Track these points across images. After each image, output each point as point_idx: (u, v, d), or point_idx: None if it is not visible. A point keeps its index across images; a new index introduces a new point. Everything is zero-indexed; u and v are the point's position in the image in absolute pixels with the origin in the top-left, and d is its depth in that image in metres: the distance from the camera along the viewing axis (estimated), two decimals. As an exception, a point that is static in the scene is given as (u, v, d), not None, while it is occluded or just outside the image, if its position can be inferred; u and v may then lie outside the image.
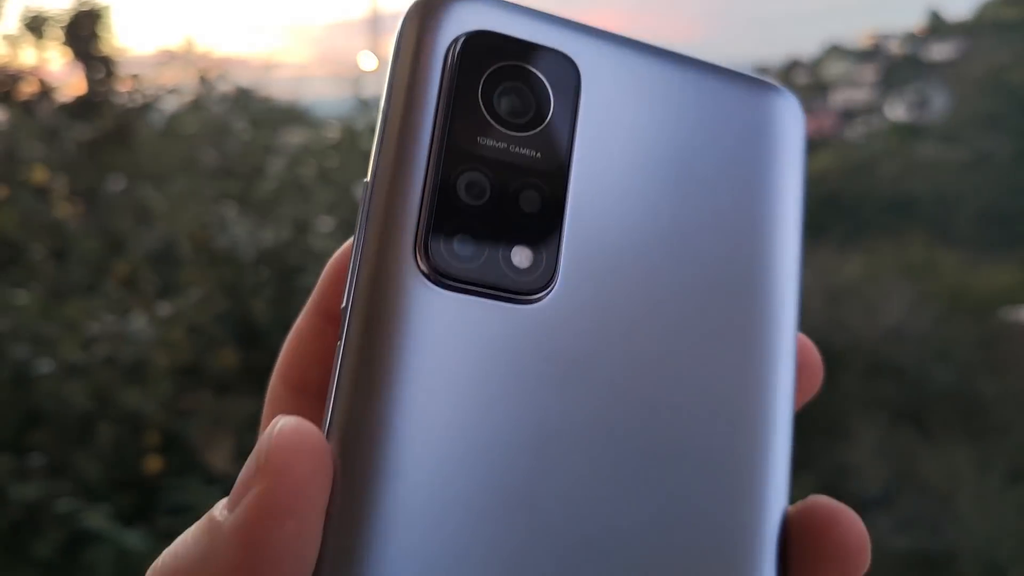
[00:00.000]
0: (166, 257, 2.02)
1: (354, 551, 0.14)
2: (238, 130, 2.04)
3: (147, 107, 2.06)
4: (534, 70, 0.16)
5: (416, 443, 0.14)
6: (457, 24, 0.16)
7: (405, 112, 0.15)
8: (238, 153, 2.03)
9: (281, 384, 0.20)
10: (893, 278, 7.10)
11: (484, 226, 0.16)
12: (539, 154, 0.16)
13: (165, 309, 1.92)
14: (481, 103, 0.16)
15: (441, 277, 0.15)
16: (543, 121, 0.16)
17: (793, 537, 0.18)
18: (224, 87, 2.02)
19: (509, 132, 0.16)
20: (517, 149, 0.16)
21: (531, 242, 0.16)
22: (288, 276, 1.99)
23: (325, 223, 2.08)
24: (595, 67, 0.17)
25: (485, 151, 0.16)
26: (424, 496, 0.14)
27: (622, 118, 0.17)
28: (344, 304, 0.15)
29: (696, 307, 0.17)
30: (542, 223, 0.16)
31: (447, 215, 0.15)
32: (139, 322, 1.86)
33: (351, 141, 2.07)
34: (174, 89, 2.08)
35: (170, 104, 2.10)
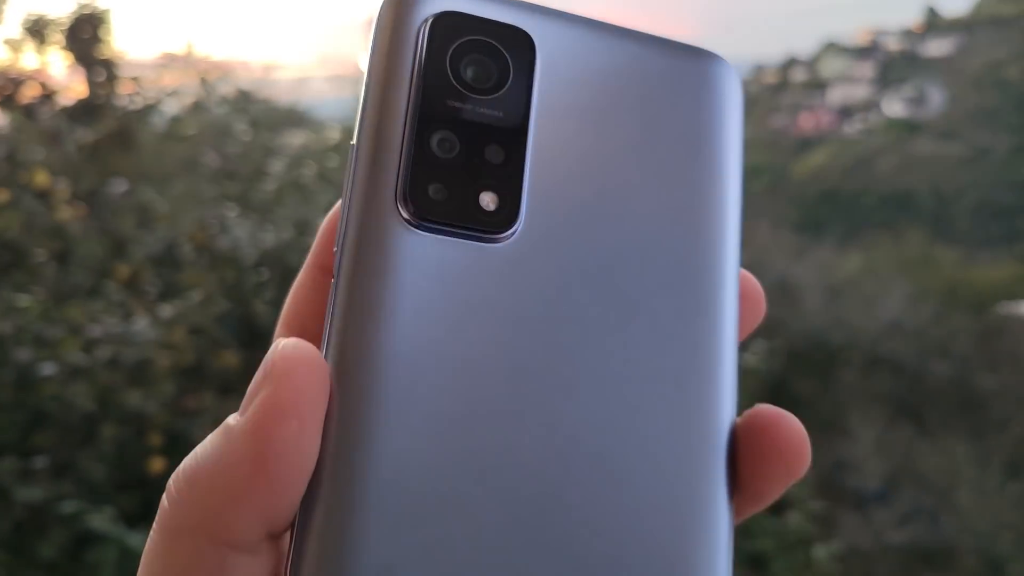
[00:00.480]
0: (168, 259, 2.03)
1: (349, 450, 0.16)
2: (239, 132, 2.04)
3: (148, 110, 2.06)
4: (494, 43, 0.18)
5: (400, 361, 0.16)
6: (427, 7, 0.18)
7: (384, 83, 0.18)
8: (239, 155, 2.04)
9: (284, 331, 0.21)
10: (891, 274, 7.10)
11: (455, 176, 0.18)
12: (501, 114, 0.18)
13: (167, 311, 1.93)
14: (449, 72, 0.18)
15: (419, 220, 0.17)
16: (504, 86, 0.18)
17: (741, 440, 0.19)
18: (225, 89, 2.03)
19: (475, 96, 0.18)
20: (482, 110, 0.18)
21: (496, 188, 0.18)
22: (289, 277, 2.00)
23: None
24: (549, 39, 0.19)
25: (454, 113, 0.18)
26: (407, 405, 0.16)
27: (574, 83, 0.19)
28: (336, 248, 0.18)
29: (647, 246, 0.19)
30: (506, 172, 0.18)
31: (422, 168, 0.17)
32: (141, 324, 1.86)
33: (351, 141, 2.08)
34: (175, 92, 2.08)
35: (171, 107, 2.10)
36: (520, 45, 0.18)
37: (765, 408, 0.19)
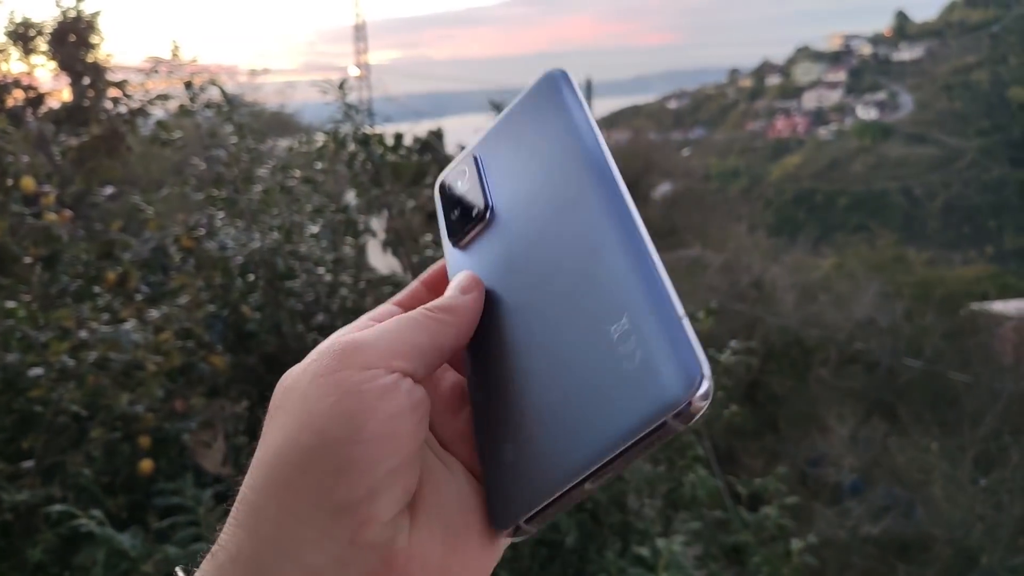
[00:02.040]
0: (155, 263, 2.04)
1: (482, 329, 0.36)
2: (225, 136, 2.06)
3: (135, 115, 2.07)
4: (464, 169, 0.42)
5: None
6: (441, 179, 0.44)
7: (439, 207, 0.43)
8: (226, 159, 2.05)
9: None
10: (864, 273, 7.22)
11: (461, 215, 0.40)
12: (470, 187, 0.41)
13: (155, 314, 1.94)
14: (450, 193, 0.42)
15: (460, 244, 0.40)
16: (467, 181, 0.41)
17: None
18: (212, 94, 2.05)
19: (460, 192, 0.41)
20: (466, 193, 0.41)
21: (477, 208, 0.40)
22: (276, 280, 2.02)
23: (311, 227, 2.11)
24: (483, 151, 0.42)
25: (457, 201, 0.41)
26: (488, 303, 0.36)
27: (502, 162, 0.40)
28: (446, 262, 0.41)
29: (561, 213, 0.35)
30: (478, 202, 0.40)
31: (451, 225, 0.41)
32: (129, 327, 1.87)
33: (337, 147, 2.10)
34: (162, 96, 2.09)
35: (158, 112, 2.11)
36: (473, 164, 0.41)
37: None
